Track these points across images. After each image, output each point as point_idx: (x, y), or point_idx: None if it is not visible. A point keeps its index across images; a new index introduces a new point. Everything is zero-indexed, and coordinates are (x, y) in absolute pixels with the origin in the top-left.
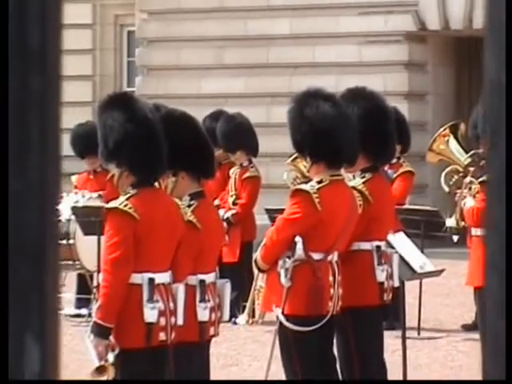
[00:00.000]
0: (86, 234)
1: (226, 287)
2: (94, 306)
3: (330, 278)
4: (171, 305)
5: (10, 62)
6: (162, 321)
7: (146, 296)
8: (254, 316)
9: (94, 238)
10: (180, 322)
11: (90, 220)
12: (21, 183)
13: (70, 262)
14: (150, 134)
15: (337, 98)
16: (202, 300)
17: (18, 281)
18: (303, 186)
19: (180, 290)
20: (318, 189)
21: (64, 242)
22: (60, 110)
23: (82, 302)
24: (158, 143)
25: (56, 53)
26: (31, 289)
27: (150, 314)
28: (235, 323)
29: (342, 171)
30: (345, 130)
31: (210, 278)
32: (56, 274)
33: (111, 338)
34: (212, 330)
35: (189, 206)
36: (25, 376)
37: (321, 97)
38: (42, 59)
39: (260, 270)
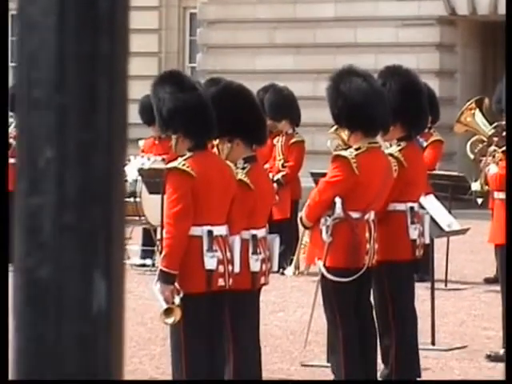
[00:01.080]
0: (151, 193)
1: (276, 241)
2: (158, 257)
3: (367, 235)
4: (228, 254)
5: (83, 31)
6: (221, 268)
7: (205, 246)
8: (299, 268)
9: (158, 196)
10: (236, 269)
11: (155, 181)
12: (90, 135)
13: (136, 218)
14: (198, 102)
15: (367, 73)
16: (254, 252)
17: (87, 223)
18: (342, 152)
19: (236, 241)
20: (355, 155)
21: (131, 199)
22: (127, 70)
23: (146, 253)
24: (206, 110)
25: (125, 25)
26: (99, 230)
27: (210, 262)
28: (283, 274)
29: (380, 140)
30: (377, 102)
31: (261, 232)
32: (122, 216)
33: (176, 283)
34: (263, 280)
35: (243, 168)
36: (93, 310)
37: (354, 74)
38: (111, 28)
39: (305, 227)
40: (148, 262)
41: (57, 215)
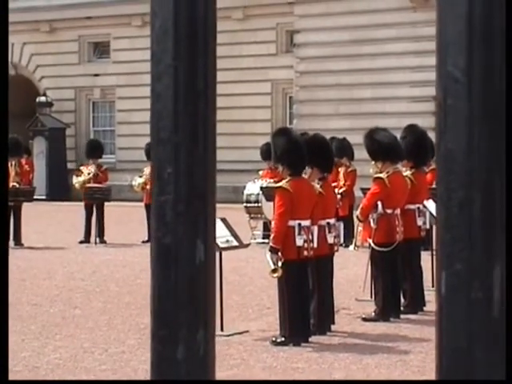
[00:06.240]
0: (268, 200)
1: (341, 226)
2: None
3: (396, 222)
4: (310, 237)
5: (188, 98)
6: (305, 245)
7: (297, 232)
8: (357, 245)
9: (272, 203)
10: (315, 245)
11: (270, 193)
12: (192, 160)
13: (259, 215)
14: (296, 147)
15: (385, 129)
16: (329, 232)
17: (192, 211)
18: (379, 175)
19: (315, 229)
20: (387, 176)
21: (255, 204)
22: (215, 121)
23: (265, 236)
24: (300, 152)
25: (214, 91)
26: (199, 215)
27: (299, 242)
28: (347, 246)
29: (401, 167)
30: (396, 144)
31: (331, 221)
32: (213, 207)
33: (279, 253)
34: (335, 248)
35: (318, 183)
36: (196, 261)
37: (379, 129)
38: (206, 95)
39: (360, 221)
40: (266, 241)
41: (174, 206)
